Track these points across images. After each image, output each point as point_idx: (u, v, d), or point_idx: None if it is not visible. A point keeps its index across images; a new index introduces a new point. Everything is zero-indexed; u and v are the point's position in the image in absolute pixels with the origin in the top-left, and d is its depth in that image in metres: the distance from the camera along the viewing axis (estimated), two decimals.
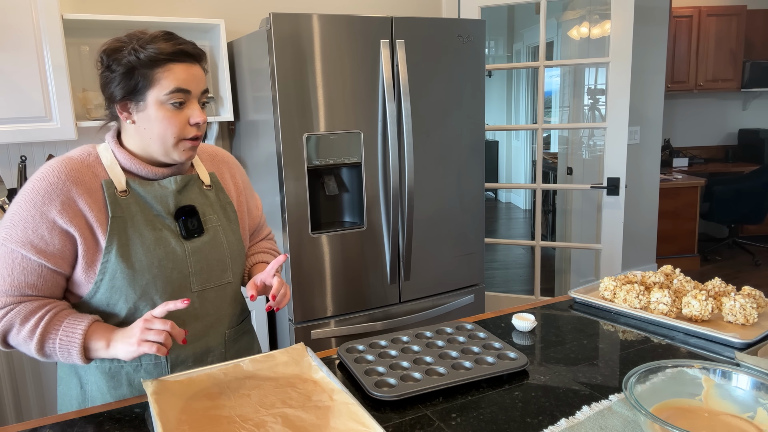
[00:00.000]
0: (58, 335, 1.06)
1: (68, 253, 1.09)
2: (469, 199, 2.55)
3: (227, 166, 1.36)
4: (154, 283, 1.14)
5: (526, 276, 4.82)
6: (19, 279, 1.07)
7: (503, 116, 7.96)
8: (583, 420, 0.97)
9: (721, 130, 5.85)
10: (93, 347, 1.07)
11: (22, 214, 1.07)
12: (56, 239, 1.07)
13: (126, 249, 1.11)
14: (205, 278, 1.21)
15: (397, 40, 2.24)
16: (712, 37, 5.11)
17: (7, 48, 2.03)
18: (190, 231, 1.19)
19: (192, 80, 1.12)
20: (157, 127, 1.12)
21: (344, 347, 1.24)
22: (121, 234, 1.11)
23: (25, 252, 1.06)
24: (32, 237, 1.06)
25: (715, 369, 0.96)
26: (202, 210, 1.23)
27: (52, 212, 1.06)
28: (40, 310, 1.07)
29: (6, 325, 1.07)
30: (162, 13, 2.54)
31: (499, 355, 1.19)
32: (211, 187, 1.28)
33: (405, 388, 1.06)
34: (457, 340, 1.28)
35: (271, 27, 2.03)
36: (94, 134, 2.49)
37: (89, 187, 1.11)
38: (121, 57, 1.10)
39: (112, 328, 1.09)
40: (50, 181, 1.08)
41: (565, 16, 3.93)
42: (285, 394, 1.05)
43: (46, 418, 1.04)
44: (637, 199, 4.13)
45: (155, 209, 1.17)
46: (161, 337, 1.01)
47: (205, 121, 1.15)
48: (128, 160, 1.16)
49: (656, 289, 1.42)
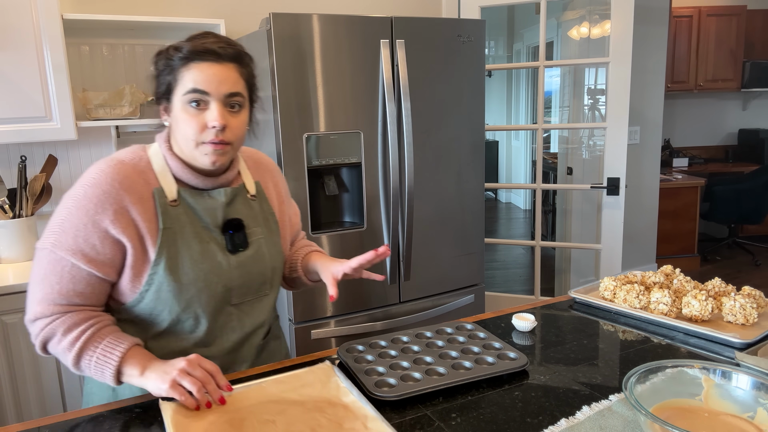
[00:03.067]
0: (95, 353, 1.03)
1: (117, 262, 1.07)
2: (469, 199, 2.55)
3: (270, 175, 1.33)
4: (198, 297, 1.12)
5: (526, 276, 4.82)
6: (68, 287, 1.05)
7: (503, 116, 7.96)
8: (583, 420, 0.97)
9: (721, 130, 5.85)
10: (127, 372, 1.03)
11: (72, 221, 1.04)
12: (107, 248, 1.05)
13: (174, 262, 1.09)
14: (245, 291, 1.19)
15: (397, 40, 2.24)
16: (712, 37, 5.11)
17: (7, 48, 2.03)
18: (236, 245, 1.16)
19: (212, 80, 1.05)
20: (180, 128, 1.08)
21: (344, 347, 1.24)
22: (170, 246, 1.09)
23: (75, 260, 1.04)
24: (83, 245, 1.04)
25: (715, 369, 0.96)
26: (247, 222, 1.20)
27: (104, 221, 1.04)
28: (83, 323, 1.04)
29: (48, 333, 1.05)
30: (162, 13, 2.54)
31: (499, 355, 1.19)
32: (256, 198, 1.25)
33: (405, 388, 1.06)
34: (457, 340, 1.28)
35: (271, 27, 2.03)
36: (93, 134, 2.49)
37: (141, 195, 1.08)
38: (160, 57, 1.10)
39: (150, 356, 1.04)
40: (103, 188, 1.04)
41: (565, 16, 3.93)
42: (314, 421, 0.96)
43: (46, 418, 1.04)
44: (637, 199, 4.13)
45: (203, 221, 1.14)
46: (195, 387, 0.96)
47: (225, 126, 1.07)
48: (180, 168, 1.12)
49: (656, 289, 1.42)
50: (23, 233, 2.16)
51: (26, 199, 2.18)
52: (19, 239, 2.15)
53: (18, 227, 2.14)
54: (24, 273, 2.01)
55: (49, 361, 1.97)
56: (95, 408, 1.07)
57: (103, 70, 2.46)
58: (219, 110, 1.06)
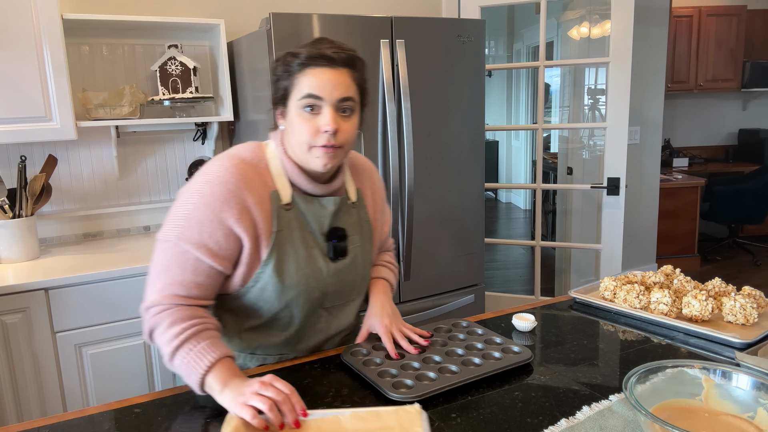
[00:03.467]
0: (189, 354, 1.02)
1: (236, 257, 1.12)
2: (469, 199, 2.55)
3: (370, 182, 1.35)
4: (297, 299, 1.18)
5: (526, 276, 4.82)
6: (190, 278, 1.08)
7: (503, 116, 7.96)
8: (583, 420, 0.97)
9: (721, 130, 5.85)
10: (209, 383, 1.01)
11: (198, 217, 1.08)
12: (230, 244, 1.10)
13: (281, 264, 1.14)
14: (337, 297, 1.25)
15: (397, 40, 2.24)
16: (712, 37, 5.11)
17: (7, 48, 2.03)
18: (337, 254, 1.21)
19: (325, 85, 1.08)
20: (295, 131, 1.11)
21: (348, 350, 1.22)
22: (280, 248, 1.14)
23: (200, 254, 1.07)
24: (207, 240, 1.08)
25: (715, 369, 0.96)
26: (348, 231, 1.24)
27: (229, 219, 1.08)
28: (188, 321, 1.05)
29: (157, 321, 1.06)
30: (162, 13, 2.54)
31: (503, 350, 1.20)
32: (355, 205, 1.28)
33: (424, 387, 1.05)
34: (457, 338, 1.28)
35: (271, 27, 2.03)
36: (93, 134, 2.49)
37: (260, 196, 1.12)
38: (279, 63, 1.13)
39: (234, 373, 1.02)
40: (228, 187, 1.09)
41: (565, 16, 3.93)
42: None
43: (46, 418, 1.04)
44: (637, 199, 4.12)
45: (311, 226, 1.19)
46: (266, 406, 0.92)
47: (337, 130, 1.09)
48: (295, 172, 1.16)
49: (656, 289, 1.42)
50: (23, 233, 2.16)
51: (26, 199, 2.18)
52: (19, 239, 2.15)
53: (18, 227, 2.14)
54: (24, 273, 2.01)
55: (49, 361, 1.97)
56: (95, 408, 1.07)
57: (103, 70, 2.46)
58: (331, 115, 1.09)
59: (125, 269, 2.04)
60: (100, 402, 2.07)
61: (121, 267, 2.04)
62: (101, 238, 2.56)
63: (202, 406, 1.06)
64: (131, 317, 2.08)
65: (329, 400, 1.06)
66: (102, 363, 2.06)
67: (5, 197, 2.16)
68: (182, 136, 2.68)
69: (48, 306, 1.95)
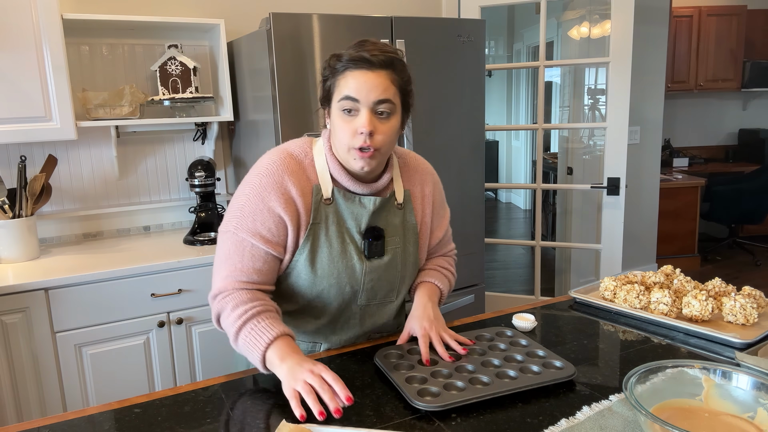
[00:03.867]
0: (251, 333, 1.09)
1: (286, 241, 1.19)
2: (469, 199, 2.55)
3: (425, 183, 1.33)
4: (328, 291, 1.22)
5: (526, 276, 4.82)
6: (248, 265, 1.16)
7: (503, 116, 7.96)
8: (583, 420, 0.97)
9: (721, 130, 5.85)
10: (269, 359, 1.07)
11: (251, 207, 1.16)
12: (281, 230, 1.17)
13: (314, 254, 1.19)
14: (371, 296, 1.27)
15: (397, 40, 2.24)
16: (712, 37, 5.11)
17: (7, 48, 2.03)
18: (372, 252, 1.23)
19: (362, 88, 1.10)
20: (336, 132, 1.15)
21: (381, 353, 1.19)
22: (314, 240, 1.19)
23: (255, 241, 1.15)
24: (260, 228, 1.15)
25: (716, 369, 0.96)
26: (388, 232, 1.25)
27: (277, 207, 1.16)
28: (250, 303, 1.13)
29: (221, 306, 1.15)
30: (162, 13, 2.54)
31: (544, 364, 1.13)
32: (402, 207, 1.28)
33: (449, 398, 1.01)
34: (498, 347, 1.23)
35: (271, 27, 2.03)
36: (93, 134, 2.49)
37: (303, 188, 1.18)
38: (325, 65, 1.17)
39: (294, 350, 1.08)
40: (275, 178, 1.16)
41: (565, 16, 3.93)
42: None
43: (46, 418, 1.04)
44: (637, 199, 4.12)
45: (348, 223, 1.22)
46: (309, 395, 0.97)
47: (372, 132, 1.11)
48: (337, 170, 1.20)
49: (656, 289, 1.42)
50: (23, 233, 2.16)
51: (26, 199, 2.18)
52: (19, 239, 2.15)
53: (18, 227, 2.14)
54: (24, 273, 2.01)
55: (49, 361, 1.97)
56: (95, 408, 1.07)
57: (102, 70, 2.46)
58: (367, 117, 1.11)
59: (125, 269, 2.04)
60: (100, 402, 2.07)
61: (121, 267, 2.04)
62: (101, 238, 2.56)
63: (203, 406, 1.06)
64: (131, 317, 2.08)
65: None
66: (102, 363, 2.06)
67: (5, 197, 2.16)
68: (182, 136, 2.68)
69: (48, 306, 1.95)
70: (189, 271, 2.14)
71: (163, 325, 2.13)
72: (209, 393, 1.11)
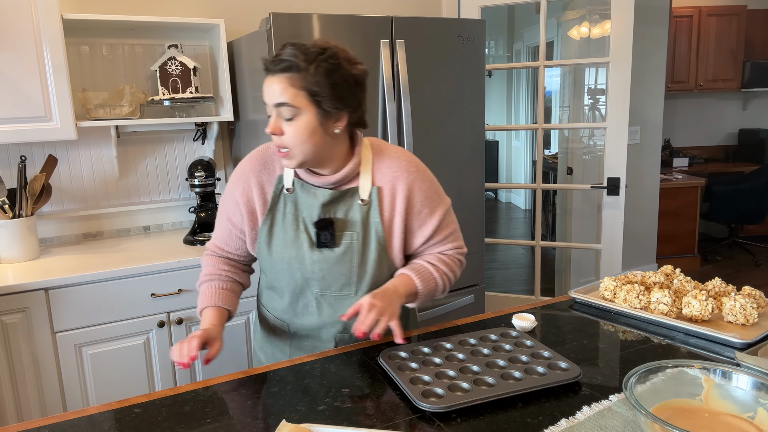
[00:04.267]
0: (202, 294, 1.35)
1: (243, 226, 1.33)
2: (469, 199, 2.55)
3: (397, 182, 1.29)
4: (282, 274, 1.32)
5: (526, 276, 4.82)
6: (219, 235, 1.39)
7: (503, 116, 7.96)
8: (583, 420, 0.97)
9: (721, 130, 5.85)
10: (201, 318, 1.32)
11: (226, 190, 1.36)
12: (237, 216, 1.33)
13: (270, 237, 1.31)
14: (325, 286, 1.31)
15: (397, 40, 2.24)
16: (712, 37, 5.11)
17: (7, 48, 2.03)
18: (321, 243, 1.28)
19: (266, 92, 1.18)
20: None
21: (386, 354, 1.19)
22: (272, 224, 1.31)
23: (223, 217, 1.37)
24: (227, 207, 1.35)
25: (716, 369, 0.96)
26: (341, 226, 1.28)
27: (237, 196, 1.32)
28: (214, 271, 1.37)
29: (202, 261, 1.41)
30: (162, 13, 2.54)
31: (549, 365, 1.13)
32: (366, 203, 1.28)
33: (454, 399, 1.01)
34: (503, 348, 1.22)
35: (271, 27, 2.03)
36: (93, 134, 2.49)
37: (270, 179, 1.31)
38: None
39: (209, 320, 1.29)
40: (242, 169, 1.34)
41: (565, 16, 3.93)
42: None
43: (46, 418, 1.04)
44: (637, 199, 4.13)
45: (304, 213, 1.29)
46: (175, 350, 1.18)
47: (274, 133, 1.19)
48: None
49: (656, 289, 1.42)
50: (23, 233, 2.16)
51: (26, 199, 2.18)
52: (19, 239, 2.15)
53: (18, 227, 2.14)
54: (24, 273, 2.01)
55: (49, 361, 1.97)
56: (95, 408, 1.07)
57: (102, 70, 2.46)
58: (272, 119, 1.20)
59: (125, 269, 2.04)
60: (100, 402, 2.07)
61: (121, 267, 2.04)
62: (101, 238, 2.56)
63: (203, 406, 1.06)
64: (131, 317, 2.08)
65: (329, 400, 1.06)
66: (102, 363, 2.06)
67: (5, 197, 2.16)
68: (182, 136, 2.68)
69: (48, 306, 1.95)
70: (189, 271, 2.14)
71: (163, 325, 2.13)
72: (209, 393, 1.11)
